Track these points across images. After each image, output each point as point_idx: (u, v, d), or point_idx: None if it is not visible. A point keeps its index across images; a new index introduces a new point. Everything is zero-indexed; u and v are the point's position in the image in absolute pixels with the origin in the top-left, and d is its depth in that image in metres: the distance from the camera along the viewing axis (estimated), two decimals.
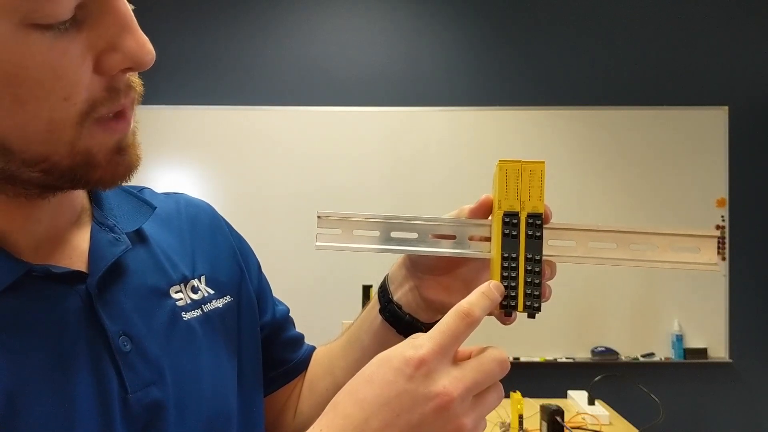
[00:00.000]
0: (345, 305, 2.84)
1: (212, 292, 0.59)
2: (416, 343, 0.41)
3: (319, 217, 0.51)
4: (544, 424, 1.80)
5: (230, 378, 0.57)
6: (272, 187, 3.11)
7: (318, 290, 3.04)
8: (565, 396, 2.40)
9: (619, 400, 2.50)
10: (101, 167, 0.43)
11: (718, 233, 0.50)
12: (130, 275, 0.51)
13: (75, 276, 0.46)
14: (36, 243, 0.46)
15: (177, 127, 3.14)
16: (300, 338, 0.73)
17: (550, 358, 3.05)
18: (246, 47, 3.24)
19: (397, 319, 0.59)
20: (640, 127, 3.12)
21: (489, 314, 0.46)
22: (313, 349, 0.74)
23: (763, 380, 3.14)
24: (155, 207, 0.57)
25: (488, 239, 0.52)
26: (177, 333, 0.52)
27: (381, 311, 0.60)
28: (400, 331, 0.59)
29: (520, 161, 0.49)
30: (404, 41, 3.25)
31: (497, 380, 0.42)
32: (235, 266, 0.64)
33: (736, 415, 3.13)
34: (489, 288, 0.45)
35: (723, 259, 3.10)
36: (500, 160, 0.49)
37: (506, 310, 0.48)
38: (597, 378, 2.19)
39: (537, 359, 3.05)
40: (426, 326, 0.58)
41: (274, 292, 0.72)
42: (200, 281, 0.58)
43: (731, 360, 3.08)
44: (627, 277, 3.04)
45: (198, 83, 3.22)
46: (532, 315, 0.48)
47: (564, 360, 3.05)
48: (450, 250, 0.52)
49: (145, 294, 0.52)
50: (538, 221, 0.48)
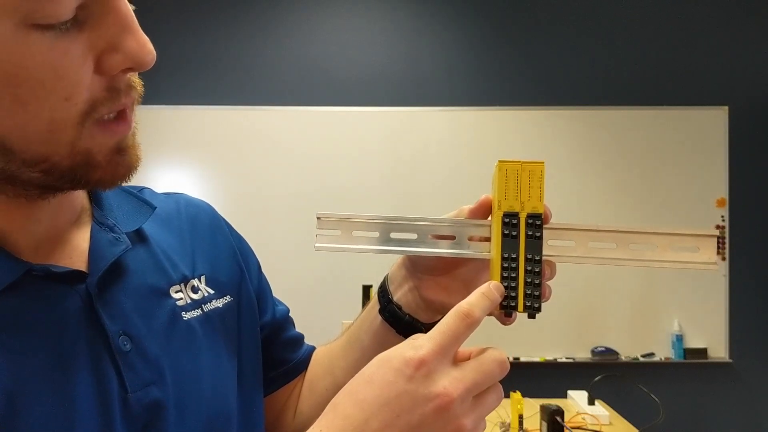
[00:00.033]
0: (345, 305, 2.83)
1: (212, 292, 0.59)
2: (416, 344, 0.41)
3: (319, 219, 0.51)
4: (544, 424, 1.80)
5: (230, 378, 0.57)
6: (272, 187, 3.11)
7: (318, 290, 3.04)
8: (565, 396, 2.40)
9: (619, 400, 2.50)
10: (101, 168, 0.43)
11: (717, 233, 0.50)
12: (130, 275, 0.51)
13: (75, 275, 0.46)
14: (36, 243, 0.46)
15: (177, 127, 3.14)
16: (300, 338, 0.73)
17: (550, 358, 3.05)
18: (246, 47, 3.24)
19: (397, 320, 0.59)
20: (640, 127, 3.12)
21: (489, 315, 0.46)
22: (313, 349, 0.74)
23: (763, 380, 3.14)
24: (155, 207, 0.57)
25: (488, 240, 0.52)
26: (177, 333, 0.52)
27: (381, 311, 0.60)
28: (400, 332, 0.59)
29: (520, 161, 0.49)
30: (404, 41, 3.25)
31: (497, 381, 0.42)
32: (235, 266, 0.64)
33: (736, 415, 3.13)
34: (489, 288, 0.45)
35: (723, 259, 3.10)
36: (500, 161, 0.49)
37: (506, 311, 0.48)
38: (597, 378, 2.19)
39: (537, 359, 3.05)
40: (426, 327, 0.58)
41: (274, 292, 0.72)
42: (200, 281, 0.58)
43: (731, 360, 3.08)
44: (627, 277, 3.04)
45: (198, 83, 3.22)
46: (532, 315, 0.48)
47: (564, 360, 3.05)
48: (450, 251, 0.52)
49: (145, 294, 0.52)
50: (538, 221, 0.48)
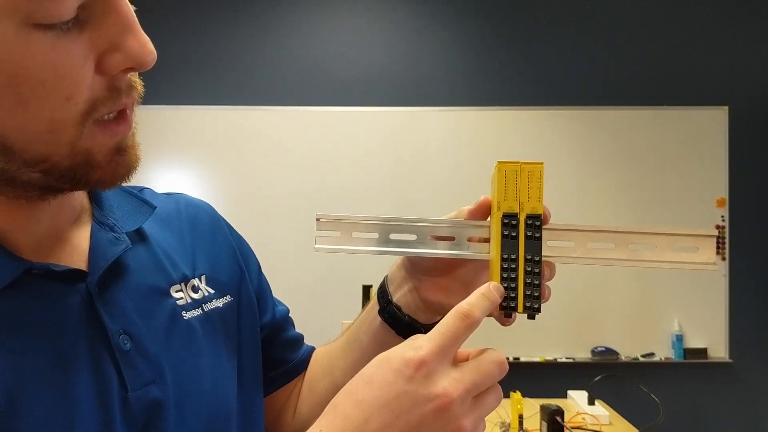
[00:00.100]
0: (345, 305, 2.83)
1: (212, 292, 0.59)
2: (416, 344, 0.41)
3: (318, 220, 0.52)
4: (544, 424, 1.80)
5: (230, 377, 0.57)
6: (272, 187, 3.11)
7: (318, 290, 3.04)
8: (565, 396, 2.40)
9: (619, 400, 2.50)
10: (101, 168, 0.43)
11: (716, 233, 0.50)
12: (131, 274, 0.51)
13: (75, 274, 0.46)
14: (36, 242, 0.47)
15: (177, 127, 3.14)
16: (299, 338, 0.74)
17: (550, 358, 3.05)
18: (246, 47, 3.24)
19: (397, 320, 0.59)
20: (640, 127, 3.12)
21: (488, 315, 0.46)
22: (313, 350, 0.74)
23: (763, 380, 3.14)
24: (155, 207, 0.57)
25: (487, 240, 0.52)
26: (177, 332, 0.52)
27: (380, 312, 0.60)
28: (400, 332, 0.59)
29: (519, 162, 0.49)
30: (404, 41, 3.25)
31: (496, 381, 0.42)
32: (235, 266, 0.64)
33: (736, 415, 3.13)
34: (489, 289, 0.45)
35: (723, 259, 3.10)
36: (499, 161, 0.49)
37: (506, 311, 0.48)
38: (597, 378, 2.19)
39: (537, 359, 3.05)
40: (425, 327, 0.58)
41: (274, 292, 0.72)
42: (200, 281, 0.58)
43: (731, 360, 3.08)
44: (627, 277, 3.04)
45: (198, 83, 3.22)
46: (532, 316, 0.48)
47: (564, 360, 3.05)
48: (449, 252, 0.52)
49: (146, 293, 0.52)
50: (537, 222, 0.48)
